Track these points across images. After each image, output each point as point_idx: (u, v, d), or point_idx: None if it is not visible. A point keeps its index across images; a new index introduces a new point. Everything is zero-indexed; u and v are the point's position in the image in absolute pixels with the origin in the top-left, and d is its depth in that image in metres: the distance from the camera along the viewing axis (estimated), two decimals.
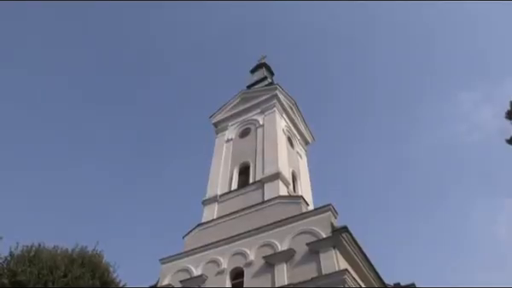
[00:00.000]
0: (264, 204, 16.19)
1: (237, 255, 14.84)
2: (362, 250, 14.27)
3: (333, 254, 12.83)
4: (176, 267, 16.08)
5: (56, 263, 17.59)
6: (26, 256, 18.11)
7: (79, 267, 17.88)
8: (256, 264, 14.07)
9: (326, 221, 13.88)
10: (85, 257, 18.95)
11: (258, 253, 14.32)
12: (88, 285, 17.12)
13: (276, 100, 22.39)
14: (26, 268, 16.84)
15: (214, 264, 15.11)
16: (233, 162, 20.33)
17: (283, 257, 13.52)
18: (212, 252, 15.56)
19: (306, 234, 13.81)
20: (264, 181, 17.41)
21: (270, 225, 14.92)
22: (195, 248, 16.18)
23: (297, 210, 15.06)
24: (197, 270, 15.32)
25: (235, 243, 15.22)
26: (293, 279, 12.82)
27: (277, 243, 14.14)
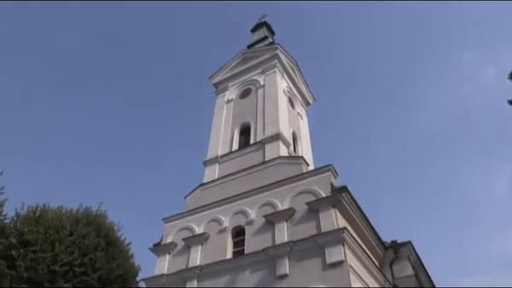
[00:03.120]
0: (264, 165, 16.31)
1: (238, 214, 15.13)
2: (361, 210, 14.52)
3: (332, 213, 13.06)
4: (178, 225, 16.46)
5: (62, 223, 18.02)
6: (32, 216, 18.52)
7: (84, 227, 18.33)
8: (257, 223, 14.37)
9: (326, 181, 14.02)
10: (90, 217, 19.39)
11: (258, 212, 14.60)
12: (93, 244, 17.58)
13: (277, 61, 22.01)
14: (33, 228, 17.26)
15: (216, 223, 15.45)
16: (233, 123, 20.30)
17: (283, 216, 13.78)
18: (213, 211, 15.87)
19: (306, 194, 14.00)
20: (265, 142, 17.45)
21: (270, 185, 15.10)
22: (197, 207, 16.48)
23: (297, 170, 15.18)
24: (199, 228, 15.69)
25: (236, 202, 15.48)
26: (293, 236, 13.13)
27: (278, 202, 14.38)
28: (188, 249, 15.32)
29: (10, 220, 18.58)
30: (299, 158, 16.10)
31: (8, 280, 15.43)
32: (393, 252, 16.17)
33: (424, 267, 18.04)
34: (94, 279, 16.58)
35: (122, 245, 19.73)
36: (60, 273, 16.08)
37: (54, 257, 16.32)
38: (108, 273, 17.32)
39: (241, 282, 13.12)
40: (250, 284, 12.88)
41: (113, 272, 17.54)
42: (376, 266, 14.72)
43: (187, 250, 15.33)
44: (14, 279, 15.56)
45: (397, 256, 16.16)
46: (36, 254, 16.22)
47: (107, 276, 17.25)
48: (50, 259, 16.22)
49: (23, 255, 16.16)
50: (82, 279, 16.38)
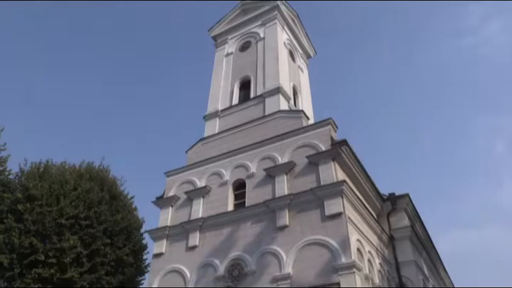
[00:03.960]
0: (265, 119, 16.26)
1: (239, 167, 15.29)
2: (360, 163, 14.66)
3: (331, 166, 13.19)
4: (180, 179, 16.70)
5: (65, 178, 18.28)
6: (36, 172, 18.76)
7: (88, 182, 18.62)
8: (257, 176, 14.57)
9: (326, 134, 14.04)
10: (93, 172, 19.65)
11: (259, 165, 14.74)
12: (97, 198, 17.94)
13: (278, 12, 21.30)
14: (37, 183, 17.53)
15: (217, 176, 15.66)
16: (233, 76, 20.01)
17: (283, 169, 13.94)
18: (214, 165, 16.04)
19: (306, 147, 14.07)
20: (265, 96, 17.30)
21: (270, 139, 15.15)
22: (198, 161, 16.64)
23: (298, 124, 15.16)
24: (201, 182, 15.93)
25: (237, 156, 15.61)
26: (292, 189, 13.35)
27: (278, 156, 14.49)
28: (190, 202, 15.65)
29: (14, 176, 18.86)
30: (300, 111, 16.02)
31: (17, 233, 15.89)
32: (391, 204, 16.54)
33: (420, 219, 18.52)
34: (99, 231, 17.07)
35: (125, 199, 20.14)
36: (66, 226, 16.54)
37: (59, 211, 16.70)
38: (113, 226, 17.81)
39: (242, 233, 13.51)
40: (251, 235, 13.28)
41: (118, 224, 18.03)
42: (374, 217, 15.09)
43: (189, 202, 15.67)
44: (22, 232, 16.02)
45: (394, 208, 16.54)
46: (42, 208, 16.59)
47: (112, 228, 17.75)
48: (56, 213, 16.61)
49: (29, 209, 16.53)
50: (88, 231, 16.87)
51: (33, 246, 15.73)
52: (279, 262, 12.17)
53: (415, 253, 16.28)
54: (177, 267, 14.27)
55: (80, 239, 16.57)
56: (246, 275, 12.55)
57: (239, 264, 12.93)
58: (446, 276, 23.76)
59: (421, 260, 17.66)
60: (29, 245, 15.70)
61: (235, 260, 13.09)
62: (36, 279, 15.33)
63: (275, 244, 12.62)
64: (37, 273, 15.36)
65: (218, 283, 12.95)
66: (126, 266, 17.97)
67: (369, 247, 13.50)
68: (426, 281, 16.78)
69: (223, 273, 13.01)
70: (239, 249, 13.24)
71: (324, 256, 11.60)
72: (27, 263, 15.57)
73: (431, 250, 20.40)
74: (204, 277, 13.45)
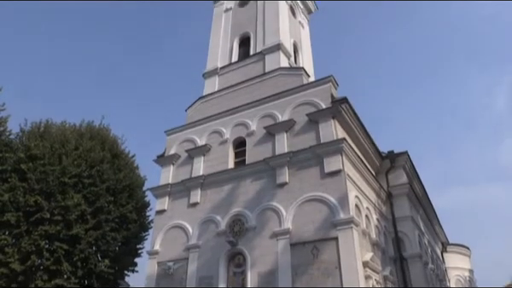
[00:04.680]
0: (265, 76, 16.06)
1: (239, 125, 15.29)
2: (360, 121, 14.64)
3: (331, 124, 13.18)
4: (181, 138, 16.75)
5: (66, 137, 18.35)
6: (37, 131, 18.80)
7: (89, 141, 18.70)
8: (257, 134, 14.60)
9: (326, 92, 13.91)
10: (93, 131, 19.70)
11: (259, 123, 14.73)
12: (99, 157, 18.09)
13: None
14: (39, 143, 17.61)
15: (217, 134, 15.70)
16: (233, 33, 19.52)
17: (284, 127, 13.94)
18: (214, 123, 16.02)
19: (307, 105, 13.99)
20: (265, 53, 16.96)
21: (271, 96, 15.03)
22: (198, 120, 16.61)
23: (298, 81, 14.98)
24: (201, 140, 15.99)
25: (237, 114, 15.56)
26: (292, 147, 13.42)
27: (278, 113, 14.44)
28: (191, 160, 15.80)
29: (15, 136, 18.92)
30: (300, 69, 15.79)
31: (22, 192, 16.17)
32: (390, 162, 16.70)
33: (418, 176, 18.78)
34: (102, 189, 17.36)
35: (127, 158, 20.31)
36: (70, 185, 16.80)
37: (62, 170, 16.90)
38: (116, 184, 18.09)
39: (243, 190, 13.75)
40: (251, 191, 13.52)
41: (121, 182, 18.30)
42: (372, 175, 15.28)
43: (190, 161, 15.82)
44: (26, 190, 16.30)
45: (393, 165, 16.72)
46: (45, 167, 16.78)
47: (114, 186, 18.03)
48: (59, 172, 16.82)
49: (32, 168, 16.72)
50: (91, 189, 17.16)
51: (38, 204, 16.06)
52: (279, 218, 12.47)
53: (411, 209, 16.64)
54: (180, 223, 14.65)
55: (84, 197, 16.89)
56: (246, 230, 12.90)
57: (240, 220, 13.26)
58: (441, 232, 24.44)
59: (418, 216, 18.08)
60: (34, 204, 16.03)
61: (235, 216, 13.41)
62: (43, 236, 15.78)
63: (275, 200, 12.87)
64: (44, 230, 15.78)
65: (219, 238, 13.33)
66: (130, 222, 18.44)
67: (366, 203, 13.77)
68: (421, 236, 17.27)
69: (224, 228, 13.36)
70: (240, 205, 13.52)
71: (323, 212, 11.86)
72: (33, 221, 15.96)
73: (427, 206, 20.86)
74: (206, 232, 13.83)
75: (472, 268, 25.42)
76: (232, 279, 12.67)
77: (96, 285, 17.08)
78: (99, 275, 17.01)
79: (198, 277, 13.13)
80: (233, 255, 12.93)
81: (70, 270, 15.86)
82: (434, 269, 18.49)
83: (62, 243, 15.91)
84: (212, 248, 13.35)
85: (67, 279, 15.76)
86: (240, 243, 12.76)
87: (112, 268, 17.35)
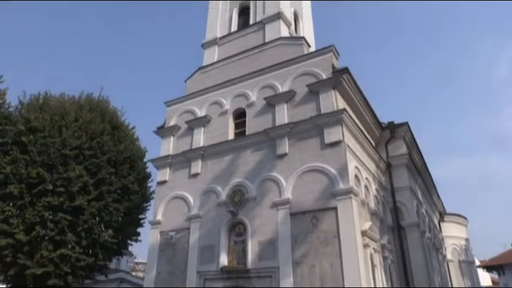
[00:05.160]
0: (264, 46, 15.80)
1: (239, 96, 15.20)
2: (360, 91, 14.53)
3: (332, 94, 13.09)
4: (181, 109, 16.70)
5: (66, 109, 18.30)
6: (36, 103, 18.74)
7: (88, 113, 18.65)
8: (257, 105, 14.53)
9: (327, 62, 13.74)
10: (92, 103, 19.62)
11: (259, 94, 14.64)
12: (99, 128, 18.09)
13: None
14: (39, 115, 17.58)
15: (217, 105, 15.64)
16: (232, 2, 19.07)
17: (284, 98, 13.86)
18: (214, 94, 15.93)
19: (307, 76, 13.84)
20: (265, 22, 16.63)
21: (271, 67, 14.85)
22: (198, 91, 16.49)
23: (298, 51, 14.77)
24: (201, 111, 15.95)
25: (237, 85, 15.43)
26: (292, 118, 13.39)
27: (278, 84, 14.33)
28: (191, 131, 15.80)
29: (15, 108, 18.88)
30: (301, 38, 15.53)
31: (24, 164, 16.28)
32: (390, 132, 16.72)
33: (417, 147, 18.85)
34: (103, 161, 17.46)
35: (127, 129, 20.32)
36: (71, 157, 16.89)
37: (63, 142, 16.95)
38: (117, 156, 18.18)
39: (243, 161, 13.83)
40: (251, 162, 13.60)
41: (121, 154, 18.39)
42: (372, 145, 15.32)
43: (190, 132, 15.83)
44: (28, 163, 16.40)
45: (393, 136, 16.75)
46: (45, 139, 16.82)
47: (115, 158, 18.14)
48: (60, 144, 16.87)
49: (33, 141, 16.77)
50: (92, 161, 17.26)
51: (41, 176, 16.21)
52: (279, 188, 12.61)
53: (410, 179, 16.79)
54: (181, 193, 14.83)
55: (85, 169, 17.01)
56: (247, 201, 13.07)
57: (240, 190, 13.40)
58: (439, 201, 24.75)
59: (416, 186, 18.27)
60: (36, 176, 16.17)
61: (236, 186, 13.55)
62: (46, 207, 16.01)
63: (275, 171, 12.97)
64: (47, 202, 16.00)
65: (220, 208, 13.53)
66: (132, 193, 18.66)
67: (366, 174, 13.88)
68: (419, 206, 17.51)
69: (225, 198, 13.53)
70: (240, 176, 13.64)
71: (323, 183, 11.96)
72: (36, 192, 16.15)
73: (426, 176, 21.04)
74: (207, 202, 14.02)
75: (468, 237, 25.92)
76: (233, 248, 12.95)
77: (101, 255, 17.49)
78: (103, 245, 17.38)
79: (200, 246, 13.42)
80: (234, 224, 13.15)
81: (74, 240, 16.19)
82: (431, 238, 18.84)
83: (66, 214, 16.16)
84: (213, 218, 13.57)
85: (72, 249, 16.12)
86: (240, 213, 12.95)
87: (115, 238, 17.71)
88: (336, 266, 10.77)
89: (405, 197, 15.92)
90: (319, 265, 11.03)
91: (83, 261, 16.46)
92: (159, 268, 14.14)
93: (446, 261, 22.95)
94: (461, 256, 24.17)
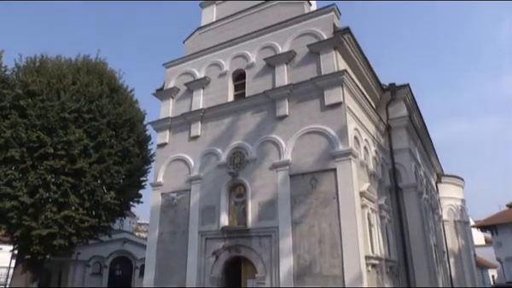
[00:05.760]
0: (264, 5, 15.33)
1: (238, 57, 14.95)
2: (362, 52, 14.27)
3: (333, 55, 12.86)
4: (179, 71, 16.47)
5: (63, 72, 18.10)
6: (32, 67, 18.53)
7: (86, 75, 18.45)
8: (257, 66, 14.33)
9: (328, 22, 13.40)
10: (90, 65, 19.37)
11: (259, 55, 14.39)
12: (97, 91, 17.95)
13: None
14: (36, 78, 17.40)
15: (216, 67, 15.42)
16: None
17: (284, 59, 13.64)
18: (213, 55, 15.66)
19: (308, 36, 13.54)
20: None
21: (270, 27, 14.49)
22: (197, 52, 16.20)
23: (299, 10, 14.36)
24: (200, 73, 15.75)
25: (236, 46, 15.14)
26: (292, 79, 13.24)
27: (278, 45, 14.05)
28: (190, 93, 15.68)
29: (11, 72, 18.67)
30: None
31: (23, 128, 16.29)
32: (390, 94, 16.59)
33: (418, 109, 18.77)
34: (103, 124, 17.46)
35: (126, 92, 20.19)
36: (70, 120, 16.88)
37: (61, 105, 16.88)
38: (116, 118, 18.16)
39: (243, 123, 13.81)
40: (251, 124, 13.59)
41: (121, 117, 18.36)
42: (372, 107, 15.25)
43: (189, 94, 15.70)
44: (28, 127, 16.40)
45: (393, 97, 16.63)
46: (44, 103, 16.74)
47: (115, 121, 18.13)
48: (58, 107, 16.81)
49: (32, 104, 16.70)
50: (92, 124, 17.26)
51: (41, 140, 16.28)
52: (278, 150, 12.67)
53: (409, 141, 16.85)
54: (181, 155, 14.93)
55: (85, 132, 17.05)
56: (247, 162, 13.18)
57: (240, 152, 13.48)
58: (437, 163, 24.97)
59: (415, 148, 18.36)
60: (37, 139, 16.23)
61: (236, 148, 13.62)
62: (48, 170, 16.18)
63: (274, 133, 12.99)
64: (49, 165, 16.15)
65: (220, 170, 13.66)
66: (132, 156, 18.80)
67: (365, 135, 13.91)
68: (417, 167, 17.67)
69: (225, 160, 13.64)
70: (240, 138, 13.67)
71: (322, 144, 12.00)
72: (38, 156, 16.27)
73: (425, 138, 21.11)
74: (207, 164, 14.15)
75: (464, 198, 26.35)
76: (233, 209, 13.20)
77: (104, 216, 17.87)
78: (105, 206, 17.73)
79: (201, 207, 13.67)
80: (234, 186, 13.33)
81: (77, 202, 16.50)
82: (428, 199, 19.16)
83: (68, 176, 16.37)
84: (214, 179, 13.74)
85: (75, 211, 16.45)
86: (240, 174, 13.09)
87: (117, 200, 18.05)
88: (335, 225, 11.01)
89: (404, 159, 16.03)
90: (318, 225, 11.28)
91: (86, 222, 16.85)
92: (161, 229, 14.48)
93: (442, 221, 23.46)
94: (456, 217, 24.68)
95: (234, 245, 12.59)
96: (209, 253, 13.00)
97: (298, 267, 11.21)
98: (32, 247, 16.39)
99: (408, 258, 14.49)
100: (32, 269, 17.87)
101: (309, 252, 11.17)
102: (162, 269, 13.93)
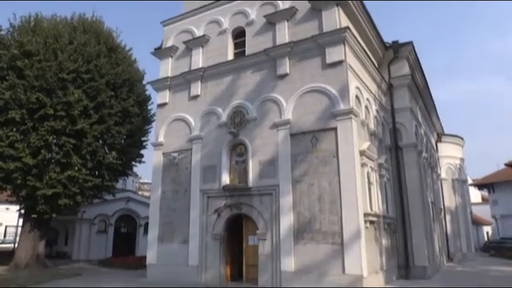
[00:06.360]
0: None
1: (238, 14, 14.58)
2: (365, 8, 13.91)
3: (335, 11, 12.53)
4: (178, 29, 16.12)
5: (59, 32, 17.69)
6: (28, 26, 18.11)
7: (83, 34, 18.04)
8: (257, 23, 14.00)
9: None
10: (86, 24, 18.91)
11: (259, 12, 14.03)
12: (95, 51, 17.63)
13: None
14: (32, 38, 17.05)
15: (215, 24, 15.07)
16: None
17: (284, 15, 13.30)
18: (212, 12, 15.25)
19: None
20: None
21: None
22: (196, 9, 15.76)
23: None
24: (199, 31, 15.41)
25: (236, 2, 14.71)
26: (293, 37, 12.97)
27: (279, 1, 13.64)
28: (189, 52, 15.42)
29: (6, 32, 18.26)
30: None
31: (22, 90, 16.14)
32: (393, 52, 16.34)
33: (421, 68, 18.50)
34: (102, 84, 17.27)
35: (124, 51, 19.83)
36: (69, 81, 16.69)
37: (59, 66, 16.64)
38: (115, 78, 17.94)
39: (243, 82, 13.70)
40: (251, 83, 13.48)
41: (120, 77, 18.14)
42: (375, 66, 15.03)
43: (188, 52, 15.45)
44: (26, 88, 16.25)
45: (396, 56, 16.37)
46: (41, 63, 16.49)
47: (114, 81, 17.93)
48: (56, 67, 16.57)
49: (29, 65, 16.46)
50: (91, 84, 17.07)
51: (40, 101, 16.18)
52: (279, 109, 12.64)
53: (411, 100, 16.75)
54: (182, 115, 14.92)
55: (85, 93, 16.91)
56: (247, 122, 13.19)
57: (240, 112, 13.46)
58: (438, 122, 24.96)
59: (417, 107, 18.28)
60: (36, 100, 16.14)
61: (236, 108, 13.59)
62: (49, 131, 16.20)
63: (275, 91, 12.90)
64: (50, 126, 16.15)
65: (221, 129, 13.70)
66: (133, 116, 18.76)
67: (367, 94, 13.81)
68: (418, 127, 17.68)
69: (225, 120, 13.64)
70: (240, 97, 13.61)
71: (323, 103, 11.96)
72: (38, 117, 16.24)
73: (427, 98, 20.96)
74: (208, 124, 14.17)
75: (463, 157, 26.54)
76: (234, 168, 13.37)
77: (107, 176, 18.11)
78: (108, 166, 17.92)
79: (202, 166, 13.84)
80: (235, 145, 13.43)
81: (80, 162, 16.65)
82: (427, 158, 19.31)
83: (69, 137, 16.42)
84: (215, 139, 13.81)
85: (79, 171, 16.64)
86: (241, 134, 13.15)
87: (119, 160, 18.21)
88: (334, 184, 11.20)
89: (405, 118, 16.01)
90: (318, 183, 11.47)
91: (90, 182, 17.08)
92: (163, 188, 14.73)
93: (440, 179, 23.78)
94: (454, 175, 24.95)
95: (235, 203, 12.86)
96: (211, 211, 13.31)
97: (298, 223, 11.52)
98: (38, 207, 16.73)
99: (405, 215, 14.84)
100: (39, 228, 18.34)
101: (309, 209, 11.42)
102: (166, 227, 14.32)
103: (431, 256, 15.77)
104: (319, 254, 10.92)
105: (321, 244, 10.96)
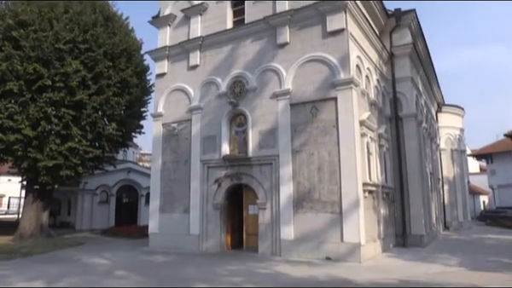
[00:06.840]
0: None
1: None
2: None
3: None
4: None
5: (54, 0, 17.25)
6: None
7: (78, 3, 17.63)
8: None
9: None
10: None
11: None
12: (91, 20, 17.28)
13: None
14: (26, 8, 16.67)
15: None
16: None
17: None
18: None
19: None
20: None
21: None
22: None
23: None
24: None
25: None
26: (294, 4, 12.67)
27: None
28: (187, 20, 15.12)
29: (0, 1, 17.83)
30: None
31: (18, 61, 15.92)
32: (395, 20, 16.02)
33: (423, 37, 18.19)
34: (99, 54, 17.02)
35: (120, 20, 19.43)
36: (65, 51, 16.43)
37: (55, 36, 16.34)
38: (113, 48, 17.66)
39: (242, 51, 13.50)
40: (251, 52, 13.29)
41: (117, 46, 17.84)
42: (376, 34, 14.77)
43: (187, 21, 15.15)
44: (23, 59, 16.02)
45: (398, 24, 16.07)
46: (37, 33, 16.19)
47: (111, 51, 17.65)
48: (52, 37, 16.28)
49: (24, 35, 16.17)
50: (88, 55, 16.83)
51: (38, 72, 16.00)
52: (279, 79, 12.53)
53: (412, 70, 16.57)
54: (181, 85, 14.80)
55: (82, 63, 16.70)
56: (247, 92, 13.10)
57: (240, 81, 13.34)
58: (439, 92, 24.78)
59: (418, 77, 18.10)
60: (33, 71, 15.95)
61: (236, 77, 13.46)
62: (48, 103, 16.10)
63: (275, 61, 12.74)
64: (48, 97, 16.04)
65: (220, 99, 13.62)
66: (131, 87, 18.61)
67: (368, 64, 13.64)
68: (419, 97, 17.57)
69: (225, 90, 13.55)
70: (240, 67, 13.45)
71: (323, 73, 11.84)
72: (36, 89, 16.10)
73: (428, 67, 20.73)
74: (207, 94, 14.08)
75: (463, 128, 26.54)
76: (234, 138, 13.39)
77: (107, 147, 18.16)
78: (108, 137, 17.93)
79: (202, 136, 13.86)
80: (234, 115, 13.39)
81: (80, 134, 16.64)
82: (427, 128, 19.31)
83: (68, 109, 16.34)
84: (214, 109, 13.76)
85: (79, 142, 16.65)
86: (241, 104, 13.09)
87: (119, 131, 18.19)
88: (334, 154, 11.25)
89: (406, 87, 15.89)
90: (317, 153, 11.52)
91: (90, 153, 17.14)
92: (164, 158, 14.81)
93: (439, 149, 23.88)
94: (453, 146, 25.03)
95: (235, 173, 12.97)
96: (211, 181, 13.44)
97: (297, 193, 11.66)
98: (40, 178, 16.85)
99: (404, 185, 15.00)
100: (42, 199, 18.56)
101: (308, 179, 11.53)
102: (167, 196, 14.50)
103: (428, 224, 16.06)
104: (318, 223, 11.11)
105: (320, 214, 11.13)
